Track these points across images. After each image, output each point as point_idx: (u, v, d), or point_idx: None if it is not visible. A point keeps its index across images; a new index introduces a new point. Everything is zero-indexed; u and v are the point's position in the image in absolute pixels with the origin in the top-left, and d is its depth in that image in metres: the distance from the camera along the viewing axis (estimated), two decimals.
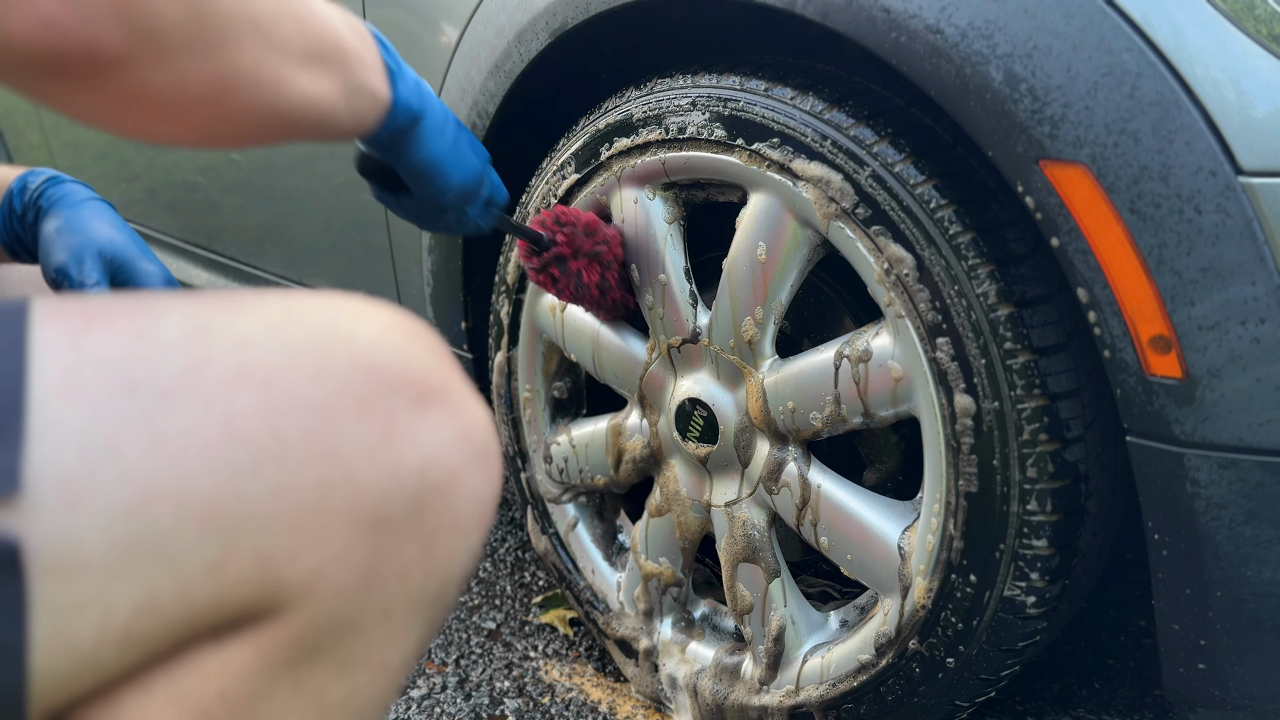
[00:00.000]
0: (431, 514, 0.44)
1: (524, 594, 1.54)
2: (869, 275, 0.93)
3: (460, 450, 0.45)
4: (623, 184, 1.11)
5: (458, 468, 0.44)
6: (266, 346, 0.42)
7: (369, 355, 0.44)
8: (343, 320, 0.44)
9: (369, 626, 0.43)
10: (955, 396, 0.89)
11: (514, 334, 1.31)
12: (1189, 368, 0.76)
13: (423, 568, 0.44)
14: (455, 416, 0.45)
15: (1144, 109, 0.74)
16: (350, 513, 0.41)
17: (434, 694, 1.33)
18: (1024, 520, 0.89)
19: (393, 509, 0.42)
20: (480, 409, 0.47)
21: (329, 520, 0.41)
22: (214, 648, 0.41)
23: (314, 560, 0.41)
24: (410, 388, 0.44)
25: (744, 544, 1.12)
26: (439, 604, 0.46)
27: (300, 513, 0.40)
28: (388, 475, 0.42)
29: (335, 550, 0.41)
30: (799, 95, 0.96)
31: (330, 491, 0.41)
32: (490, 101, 1.20)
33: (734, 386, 1.09)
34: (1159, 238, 0.75)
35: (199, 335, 0.41)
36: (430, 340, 0.47)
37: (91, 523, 0.37)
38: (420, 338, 0.47)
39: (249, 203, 1.83)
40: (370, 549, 0.42)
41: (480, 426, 0.47)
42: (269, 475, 0.40)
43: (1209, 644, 0.83)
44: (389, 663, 0.45)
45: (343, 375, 0.42)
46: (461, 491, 0.45)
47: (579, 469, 1.29)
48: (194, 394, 0.40)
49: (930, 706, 1.01)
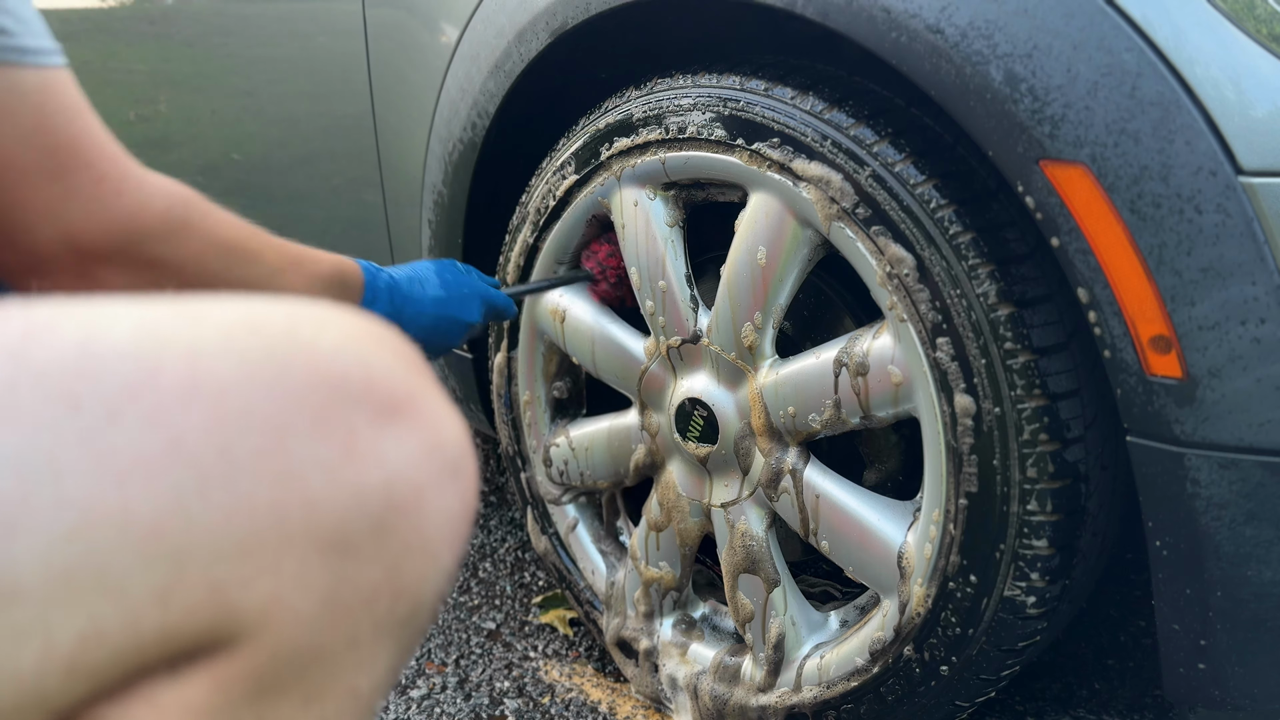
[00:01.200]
0: (398, 535, 0.41)
1: (524, 594, 1.54)
2: (871, 278, 0.93)
3: (428, 466, 0.42)
4: (623, 184, 1.11)
5: (425, 485, 0.42)
6: (220, 358, 0.40)
7: (329, 366, 0.41)
8: (303, 329, 0.42)
9: (335, 654, 0.41)
10: (955, 397, 0.89)
11: (514, 335, 1.31)
12: (1189, 368, 0.76)
13: (391, 591, 0.42)
14: (423, 429, 0.43)
15: (1144, 109, 0.74)
16: (307, 536, 0.39)
17: (434, 694, 1.32)
18: (1024, 520, 0.89)
19: (354, 531, 0.40)
20: (453, 419, 0.45)
21: (284, 545, 0.39)
22: (170, 680, 0.39)
23: (270, 587, 0.39)
24: (374, 400, 0.42)
25: (743, 555, 1.12)
26: (410, 627, 0.44)
27: (253, 537, 0.38)
28: (348, 495, 0.40)
29: (293, 576, 0.39)
30: (799, 95, 0.96)
31: (285, 514, 0.39)
32: (490, 101, 1.20)
33: (734, 387, 1.09)
34: (1159, 238, 0.75)
35: (149, 346, 0.39)
36: (400, 348, 0.45)
37: (29, 549, 0.35)
38: (388, 345, 0.45)
39: (249, 203, 1.83)
40: (331, 574, 0.40)
41: (451, 439, 0.44)
42: (218, 498, 0.38)
43: (1209, 644, 0.83)
44: (358, 690, 0.43)
45: (300, 389, 0.40)
46: (430, 510, 0.42)
47: (579, 472, 1.29)
48: (140, 411, 0.38)
49: (931, 706, 1.01)
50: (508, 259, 1.27)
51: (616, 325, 1.20)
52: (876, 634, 1.03)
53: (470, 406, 1.49)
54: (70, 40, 2.22)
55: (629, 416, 1.23)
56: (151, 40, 1.93)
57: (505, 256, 1.28)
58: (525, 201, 1.24)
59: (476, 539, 1.70)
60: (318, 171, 1.60)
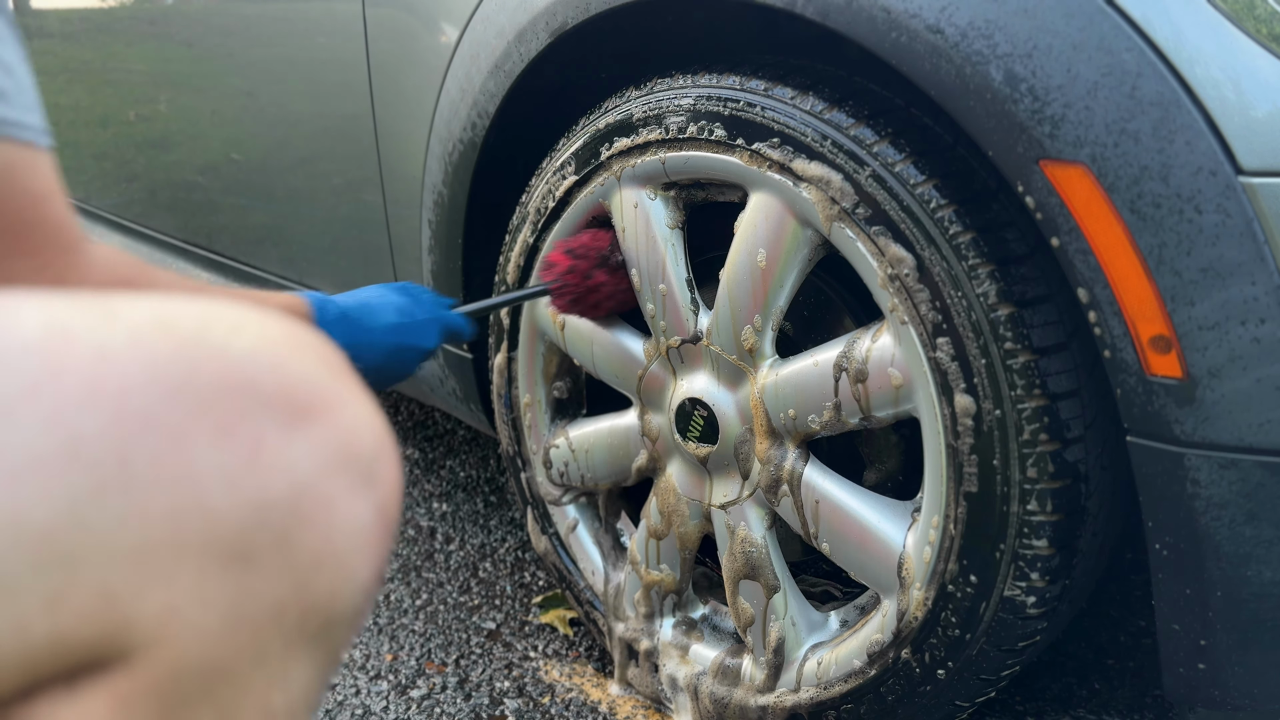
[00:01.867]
0: (304, 547, 0.40)
1: (524, 594, 1.54)
2: (872, 280, 0.93)
3: (339, 474, 0.41)
4: (623, 184, 1.11)
5: (336, 494, 0.41)
6: (126, 359, 0.39)
7: (239, 370, 0.40)
8: (215, 330, 0.41)
9: (243, 671, 0.40)
10: (955, 397, 0.89)
11: (514, 336, 1.31)
12: (1189, 368, 0.76)
13: (299, 605, 0.40)
14: (335, 436, 0.41)
15: (1144, 109, 0.74)
16: (205, 546, 0.38)
17: (434, 694, 1.32)
18: (1024, 520, 0.89)
19: (256, 542, 0.39)
20: (371, 424, 0.43)
21: (179, 554, 0.38)
22: (68, 696, 0.38)
23: (165, 598, 0.38)
24: (284, 405, 0.40)
25: (743, 561, 1.12)
26: (326, 642, 0.42)
27: (147, 545, 0.37)
28: (248, 505, 0.39)
29: (189, 587, 0.38)
30: (799, 95, 0.96)
31: (181, 523, 0.38)
32: (490, 101, 1.20)
33: (734, 387, 1.09)
34: (1159, 238, 0.75)
35: (55, 344, 0.38)
36: (318, 351, 0.44)
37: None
38: (306, 348, 0.43)
39: (249, 203, 1.82)
40: (232, 587, 0.39)
41: (367, 445, 0.42)
42: (113, 503, 0.37)
43: (1209, 644, 0.83)
44: (272, 708, 0.41)
45: (205, 393, 0.39)
46: (340, 520, 0.41)
47: (580, 474, 1.29)
48: (38, 411, 0.37)
49: (931, 706, 1.01)
50: (508, 259, 1.27)
51: (616, 326, 1.20)
52: (875, 636, 1.03)
53: (470, 407, 1.48)
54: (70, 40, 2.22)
55: (629, 417, 1.23)
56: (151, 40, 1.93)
57: (505, 257, 1.28)
58: (525, 202, 1.24)
59: (476, 539, 1.70)
60: (318, 171, 1.60)
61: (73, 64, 2.22)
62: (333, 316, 0.93)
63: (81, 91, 2.22)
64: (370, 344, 0.95)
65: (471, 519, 1.77)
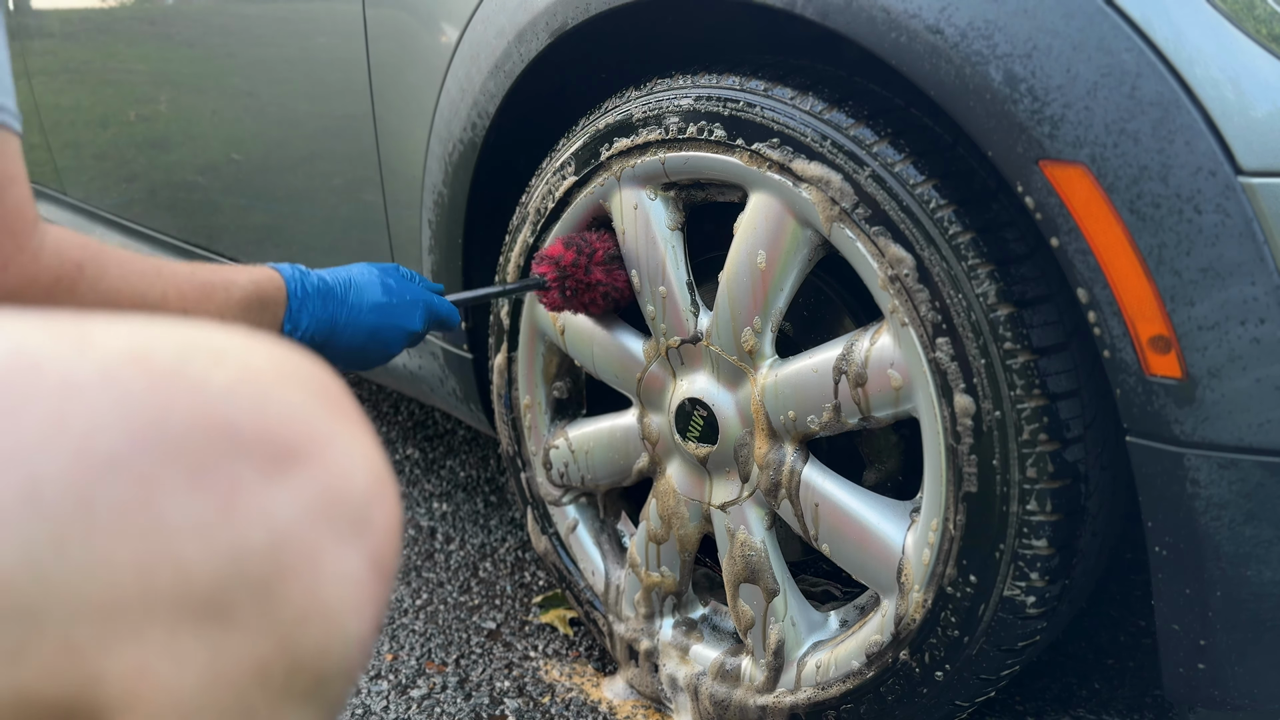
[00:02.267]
0: (287, 602, 0.37)
1: (524, 594, 1.54)
2: (873, 281, 0.93)
3: (325, 522, 0.38)
4: (622, 184, 1.11)
5: (321, 544, 0.37)
6: (94, 395, 0.36)
7: (216, 408, 0.37)
8: (194, 363, 0.38)
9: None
10: (955, 397, 0.89)
11: (514, 336, 1.31)
12: (1189, 368, 0.76)
13: (285, 665, 0.37)
14: (321, 479, 0.38)
15: (1144, 109, 0.74)
16: (176, 602, 0.35)
17: (434, 694, 1.33)
18: (1024, 520, 0.89)
19: (234, 598, 0.36)
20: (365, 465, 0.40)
21: (149, 610, 0.35)
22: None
23: (135, 656, 0.35)
24: (265, 448, 0.37)
25: (743, 565, 1.12)
26: (318, 701, 0.39)
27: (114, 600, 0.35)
28: (224, 558, 0.36)
29: (161, 645, 0.35)
30: (799, 95, 0.96)
31: (150, 576, 0.35)
32: (490, 102, 1.20)
33: (734, 387, 1.09)
34: (1159, 238, 0.75)
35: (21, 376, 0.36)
36: (309, 381, 0.40)
37: None
38: (294, 379, 0.40)
39: (249, 203, 1.83)
40: (209, 644, 0.36)
41: (359, 489, 0.39)
42: (75, 554, 0.34)
43: (1209, 644, 0.83)
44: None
45: (179, 434, 0.36)
46: (327, 572, 0.38)
47: (580, 475, 1.29)
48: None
49: (930, 706, 1.01)
50: (507, 259, 1.27)
51: (616, 326, 1.20)
52: (874, 637, 1.03)
53: (470, 407, 1.49)
54: (70, 40, 2.22)
55: (628, 417, 1.23)
56: (152, 40, 1.93)
57: (505, 257, 1.28)
58: (525, 202, 1.24)
59: (476, 539, 1.70)
60: (318, 171, 1.60)
61: (73, 64, 2.22)
62: (312, 289, 0.90)
63: (82, 91, 2.22)
64: (352, 321, 0.92)
65: (471, 519, 1.77)
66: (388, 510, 0.40)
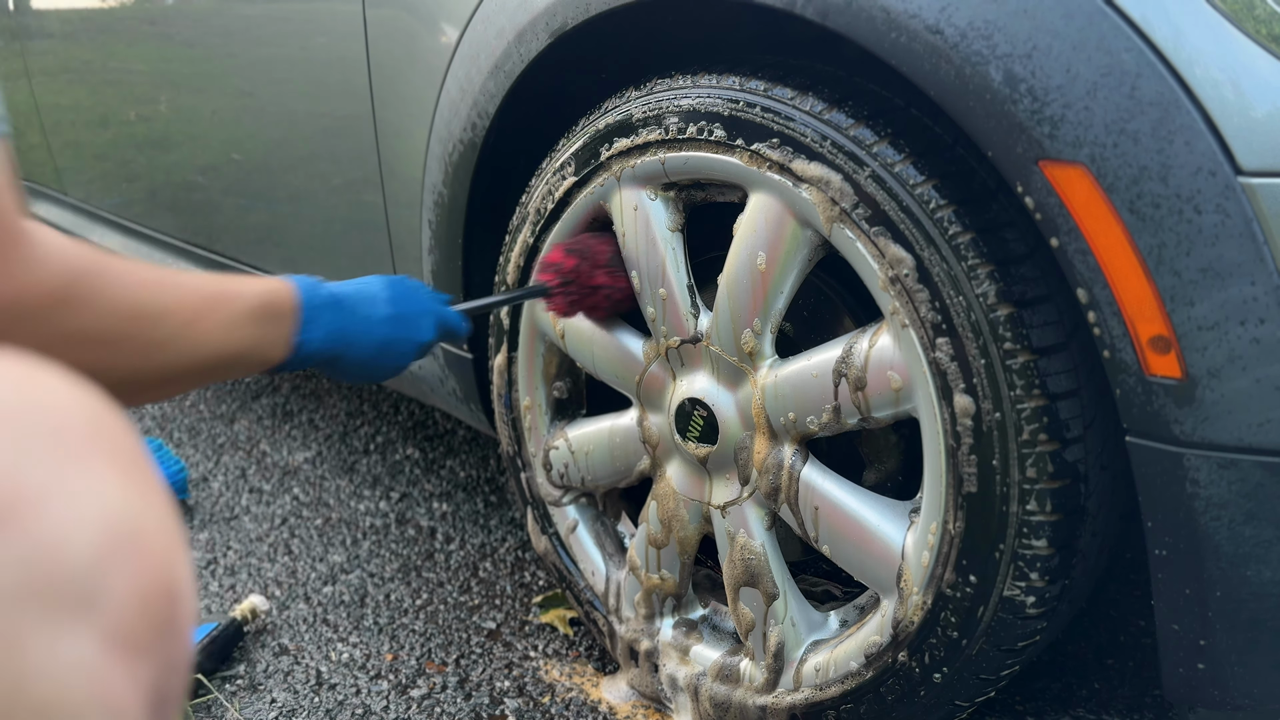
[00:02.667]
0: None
1: (524, 594, 1.54)
2: (873, 282, 0.93)
3: (33, 596, 0.30)
4: (622, 185, 1.11)
5: (28, 625, 0.30)
6: None
7: None
8: None
9: None
10: (955, 397, 0.89)
11: (514, 337, 1.31)
12: (1188, 368, 0.76)
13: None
14: (24, 548, 0.30)
15: (1143, 109, 0.74)
16: None
17: (434, 694, 1.33)
18: (1024, 520, 0.89)
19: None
20: (96, 519, 0.32)
21: None
22: None
23: None
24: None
25: (743, 569, 1.12)
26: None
27: None
28: None
29: None
30: (799, 95, 0.96)
31: None
32: (490, 102, 1.20)
33: (734, 387, 1.09)
34: (1158, 238, 0.75)
35: None
36: (29, 418, 0.33)
37: None
38: (17, 425, 0.32)
39: (249, 203, 1.83)
40: None
41: (81, 553, 0.31)
42: None
43: (1209, 644, 0.83)
44: None
45: None
46: (35, 664, 0.30)
47: (580, 475, 1.29)
48: None
49: (930, 706, 1.01)
50: (508, 260, 1.27)
51: (616, 327, 1.20)
52: (874, 638, 1.03)
53: (471, 407, 1.49)
54: (70, 40, 2.22)
55: (628, 417, 1.23)
56: (152, 40, 1.93)
57: (505, 257, 1.28)
58: (525, 202, 1.24)
59: (476, 539, 1.70)
60: (318, 171, 1.60)
61: (73, 64, 2.22)
62: (322, 301, 0.89)
63: (82, 91, 2.22)
64: (363, 333, 0.92)
65: (471, 519, 1.77)
66: (133, 573, 0.33)
